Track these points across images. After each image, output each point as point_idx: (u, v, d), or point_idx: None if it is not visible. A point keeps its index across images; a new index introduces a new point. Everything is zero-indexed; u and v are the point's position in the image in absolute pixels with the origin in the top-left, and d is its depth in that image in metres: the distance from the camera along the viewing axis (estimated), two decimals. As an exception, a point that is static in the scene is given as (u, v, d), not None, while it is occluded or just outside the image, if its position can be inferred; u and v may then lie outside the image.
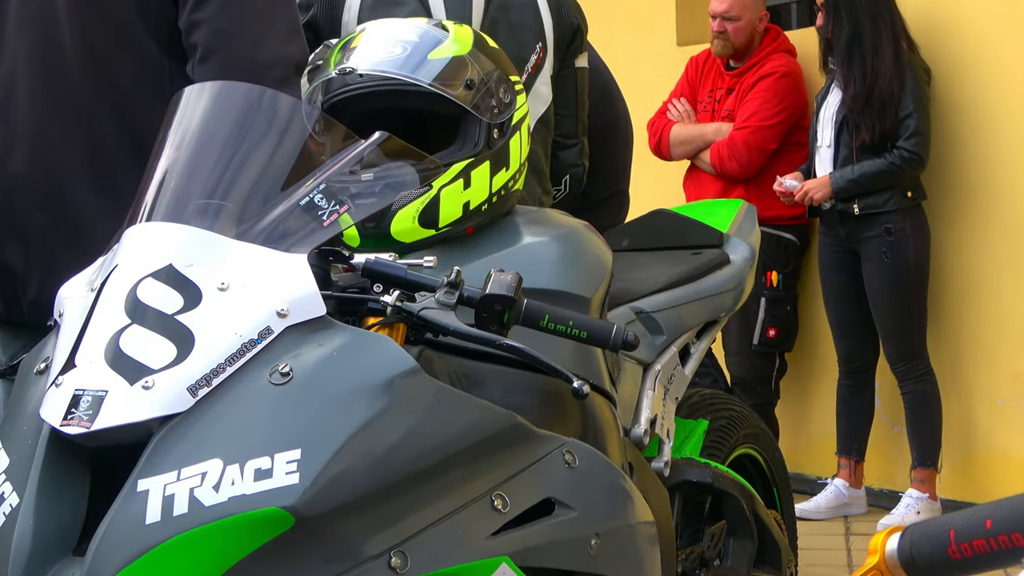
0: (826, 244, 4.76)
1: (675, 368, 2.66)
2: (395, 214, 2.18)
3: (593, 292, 2.24)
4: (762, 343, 4.89)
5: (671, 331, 2.65)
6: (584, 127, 3.27)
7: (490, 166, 2.24)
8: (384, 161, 2.02)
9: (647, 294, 2.65)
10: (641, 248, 2.95)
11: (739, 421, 2.94)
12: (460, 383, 2.02)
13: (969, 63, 4.60)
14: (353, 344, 1.80)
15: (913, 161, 4.51)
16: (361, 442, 1.73)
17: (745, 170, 4.83)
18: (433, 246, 2.20)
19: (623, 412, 2.41)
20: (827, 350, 4.95)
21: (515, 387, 2.08)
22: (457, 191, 2.20)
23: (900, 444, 4.80)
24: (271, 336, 1.78)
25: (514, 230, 2.28)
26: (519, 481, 1.92)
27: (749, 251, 2.91)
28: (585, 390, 1.89)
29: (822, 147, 4.67)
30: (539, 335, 1.98)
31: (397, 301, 1.91)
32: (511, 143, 2.28)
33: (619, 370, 2.43)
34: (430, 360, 1.99)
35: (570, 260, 2.24)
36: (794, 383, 5.11)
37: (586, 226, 2.35)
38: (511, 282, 1.93)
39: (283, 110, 1.98)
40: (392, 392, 1.77)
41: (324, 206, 1.91)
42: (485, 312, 1.93)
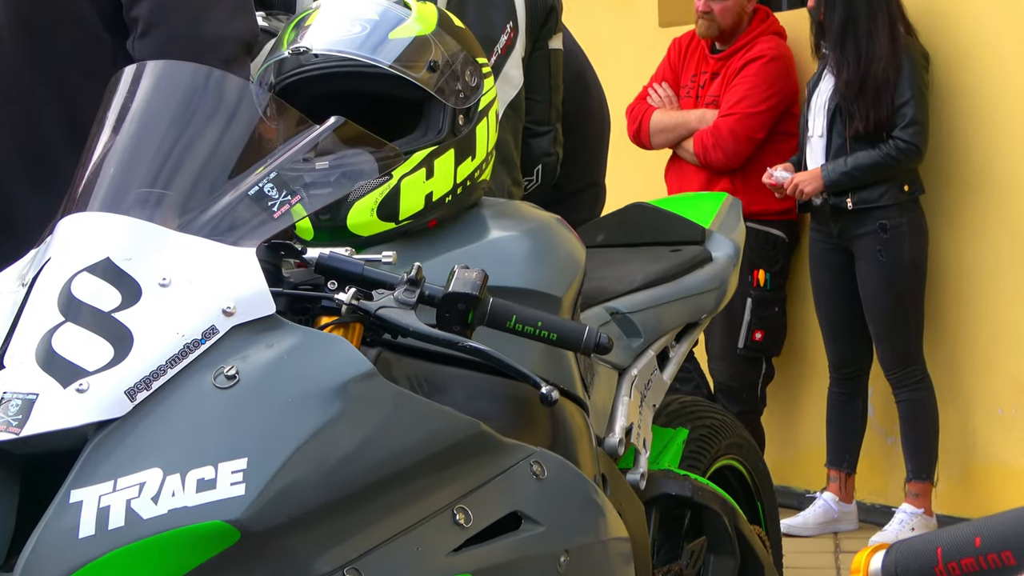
0: (817, 241, 4.78)
1: (653, 373, 2.67)
2: (352, 206, 2.17)
3: (564, 291, 2.25)
4: (748, 347, 4.91)
5: (648, 333, 2.66)
6: (558, 113, 3.27)
7: (455, 154, 2.24)
8: (340, 148, 2.02)
9: (623, 293, 2.66)
10: (617, 244, 2.95)
11: (721, 430, 2.94)
12: (420, 388, 2.02)
13: (970, 48, 4.62)
14: (305, 345, 1.79)
15: (910, 152, 4.53)
16: (312, 451, 1.73)
17: (730, 160, 4.84)
18: (393, 240, 2.19)
19: (596, 420, 2.41)
20: (817, 355, 4.97)
21: (480, 393, 2.08)
22: (419, 181, 2.20)
23: (894, 455, 4.83)
24: (216, 336, 1.78)
25: (480, 224, 2.28)
26: (483, 494, 1.92)
27: (733, 248, 2.92)
28: (554, 396, 1.89)
29: (813, 137, 4.69)
30: (506, 337, 1.98)
31: (353, 299, 1.91)
32: (478, 130, 2.27)
33: (592, 375, 2.44)
34: (388, 363, 1.99)
35: (540, 256, 2.24)
36: (782, 390, 5.13)
37: (558, 220, 2.36)
38: (476, 280, 1.93)
39: (231, 92, 1.97)
40: (346, 397, 1.77)
41: (275, 196, 1.91)
42: (448, 312, 1.93)
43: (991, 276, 4.61)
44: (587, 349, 1.97)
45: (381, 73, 2.20)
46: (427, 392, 2.02)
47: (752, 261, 4.86)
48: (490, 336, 1.99)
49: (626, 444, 2.47)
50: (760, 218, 4.88)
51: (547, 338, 1.96)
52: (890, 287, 4.61)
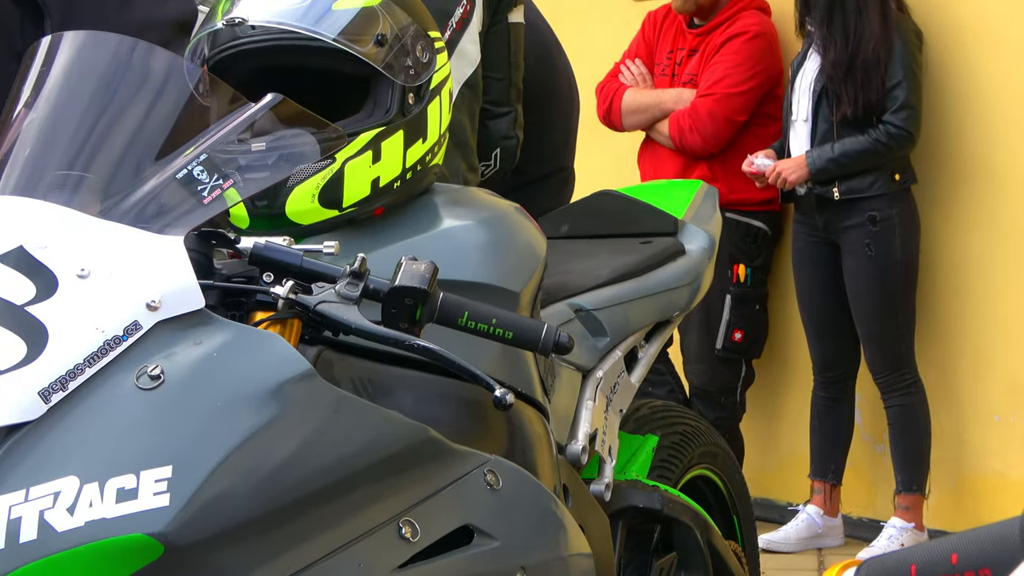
0: (801, 234, 4.80)
1: (620, 375, 2.67)
2: (291, 191, 2.17)
3: (523, 286, 2.25)
4: (727, 348, 4.92)
5: (615, 332, 2.66)
6: (518, 93, 3.27)
7: (404, 136, 2.23)
8: (279, 128, 2.01)
9: (588, 289, 2.66)
10: (582, 235, 2.95)
11: (694, 437, 2.95)
12: (364, 390, 2.02)
13: (967, 26, 4.64)
14: (237, 343, 1.79)
15: (901, 138, 4.55)
16: (244, 458, 1.72)
17: (709, 144, 4.85)
18: (335, 229, 2.19)
19: (557, 426, 2.41)
20: (801, 357, 4.99)
21: (429, 395, 2.08)
22: (364, 165, 2.20)
23: (883, 466, 4.85)
24: (139, 332, 1.77)
25: (431, 212, 2.28)
26: (432, 505, 1.92)
27: (708, 240, 2.93)
28: (509, 400, 1.89)
29: (797, 121, 4.70)
30: (458, 335, 1.98)
31: (291, 293, 1.90)
32: (429, 110, 2.27)
33: (554, 377, 2.44)
34: (329, 363, 1.99)
35: (496, 248, 2.24)
36: (763, 394, 5.14)
37: (516, 209, 2.36)
38: (425, 272, 1.93)
39: (159, 66, 1.96)
40: (282, 400, 1.76)
41: (205, 180, 1.90)
42: (394, 307, 1.93)
43: (988, 272, 4.63)
44: (546, 349, 1.96)
45: (324, 47, 2.19)
46: (371, 395, 2.02)
47: (732, 255, 4.88)
48: (440, 334, 1.98)
49: (590, 452, 2.48)
50: (740, 208, 4.89)
51: (502, 337, 1.96)
52: (879, 283, 4.63)
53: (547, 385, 2.35)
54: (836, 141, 4.58)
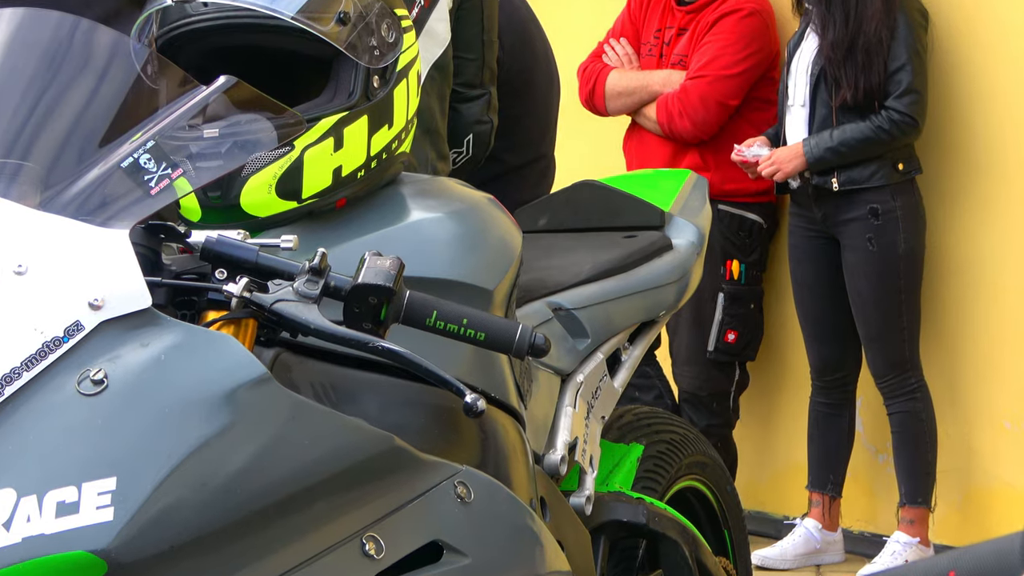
0: (798, 227, 4.81)
1: (602, 379, 2.68)
2: (246, 181, 2.17)
3: (496, 283, 2.25)
4: (719, 350, 4.94)
5: (597, 333, 2.67)
6: (492, 74, 3.27)
7: (368, 122, 2.23)
8: (233, 113, 2.01)
9: (567, 286, 2.67)
10: (561, 229, 2.96)
11: (683, 446, 2.96)
12: (325, 396, 2.02)
13: (975, 5, 4.66)
14: (186, 345, 1.79)
15: (905, 125, 4.56)
16: (194, 469, 1.72)
17: (699, 130, 4.86)
18: (294, 222, 2.19)
19: (534, 434, 2.42)
20: (798, 359, 5.00)
21: (395, 401, 2.08)
22: (326, 153, 2.20)
23: (886, 476, 4.86)
24: (81, 333, 1.76)
25: (397, 204, 2.28)
26: (398, 520, 1.92)
27: (696, 234, 2.94)
28: (481, 406, 1.89)
29: (794, 106, 4.71)
30: (426, 336, 1.98)
31: (245, 291, 1.91)
32: (396, 94, 2.27)
33: (530, 382, 2.44)
34: (287, 366, 1.99)
35: (467, 242, 2.24)
36: (757, 400, 5.16)
37: (490, 200, 2.36)
38: (390, 269, 1.93)
39: (103, 46, 1.96)
40: (235, 406, 1.76)
41: (153, 169, 1.90)
42: (357, 306, 1.93)
43: (998, 268, 4.65)
44: (520, 351, 1.97)
45: (281, 26, 2.19)
46: (333, 400, 2.02)
47: (725, 250, 4.89)
48: (407, 336, 1.98)
49: (569, 462, 2.48)
50: (734, 199, 4.90)
51: (473, 338, 1.96)
52: (882, 281, 4.64)
53: (523, 390, 2.36)
54: (835, 128, 4.58)
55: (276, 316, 1.91)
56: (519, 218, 2.98)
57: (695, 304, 4.80)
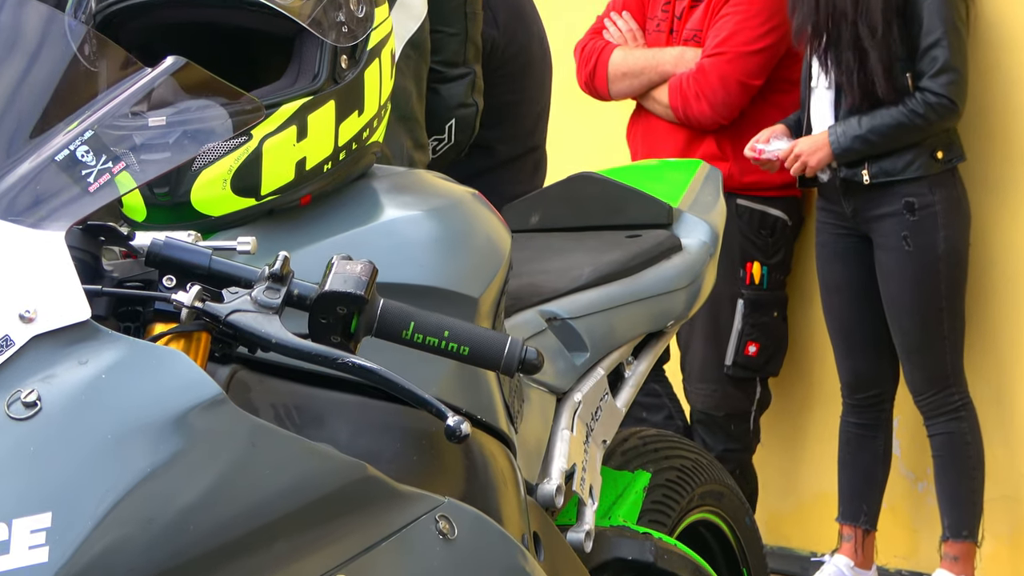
0: (825, 224, 4.81)
1: (602, 399, 2.68)
2: (197, 176, 2.17)
3: (482, 290, 2.26)
4: (738, 364, 4.94)
5: (597, 346, 2.68)
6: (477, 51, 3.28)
7: (336, 108, 2.24)
8: (182, 99, 2.02)
9: (563, 293, 2.68)
10: (556, 228, 2.97)
11: (695, 474, 2.97)
12: (288, 419, 2.03)
13: (1025, -28, 4.67)
14: (130, 362, 1.79)
15: (943, 108, 4.56)
16: (140, 503, 1.72)
17: (719, 114, 4.85)
18: (252, 222, 2.20)
19: (526, 461, 2.43)
20: (827, 374, 5.01)
21: (367, 425, 2.08)
22: (287, 144, 2.20)
23: (926, 507, 4.87)
24: (11, 349, 1.76)
25: (369, 201, 2.28)
26: (372, 559, 1.92)
27: (709, 233, 2.95)
28: (465, 429, 1.90)
29: (818, 88, 4.71)
30: (403, 351, 1.99)
31: (197, 300, 1.91)
32: (366, 76, 2.28)
33: (522, 402, 2.45)
34: (245, 385, 1.99)
35: (449, 244, 2.25)
36: (780, 421, 5.16)
37: (474, 196, 2.37)
38: (361, 275, 1.94)
39: (33, 23, 1.96)
40: (187, 431, 1.77)
41: (92, 163, 1.90)
42: (324, 317, 1.94)
43: (1052, 270, 4.66)
44: (509, 367, 1.97)
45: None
46: (297, 424, 2.02)
47: (744, 250, 4.90)
48: (381, 350, 1.99)
49: (566, 493, 2.49)
50: (754, 193, 4.91)
51: (456, 352, 1.97)
52: (920, 285, 4.64)
53: (513, 411, 2.36)
54: (865, 113, 4.58)
55: (232, 329, 1.91)
56: (508, 216, 2.99)
57: (710, 312, 4.80)
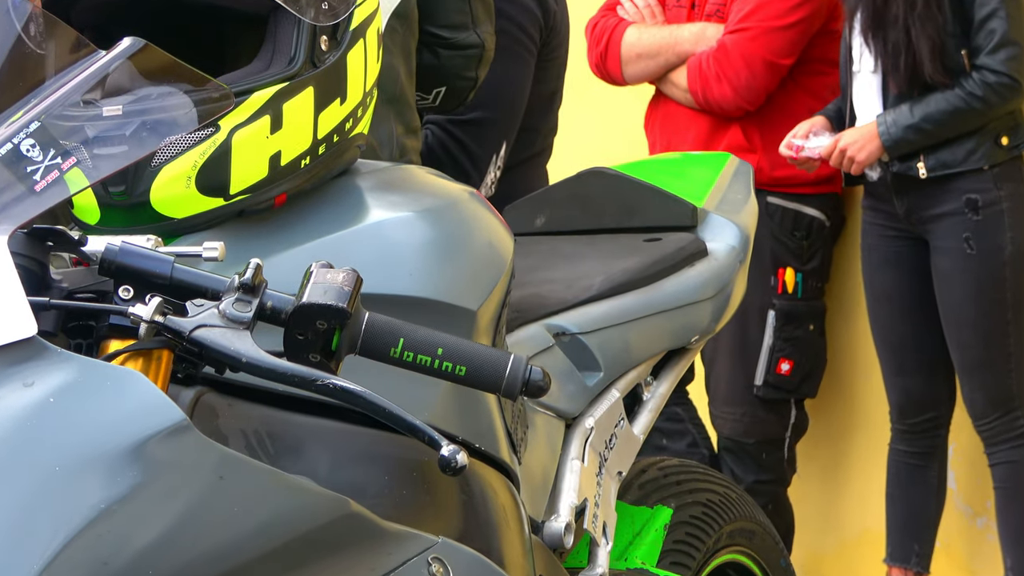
0: (873, 225, 4.79)
1: (618, 424, 2.69)
2: (158, 173, 2.17)
3: (480, 301, 2.27)
4: (770, 384, 4.94)
5: (611, 365, 2.68)
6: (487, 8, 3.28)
7: (315, 96, 2.25)
8: (140, 86, 2.02)
9: (573, 305, 2.68)
10: (565, 231, 2.97)
11: (723, 510, 2.97)
12: (261, 448, 2.03)
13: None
14: (82, 385, 1.79)
15: (1004, 88, 4.54)
16: (94, 544, 1.72)
17: (743, 98, 4.85)
18: (220, 225, 2.20)
19: (531, 495, 2.43)
20: (872, 396, 5.00)
21: (351, 455, 2.09)
22: (260, 136, 2.21)
23: (986, 545, 4.86)
24: (-53, 370, 1.77)
25: (352, 201, 2.29)
26: (356, 607, 1.93)
27: (739, 236, 2.95)
28: (461, 460, 1.90)
29: (862, 72, 4.69)
30: (391, 372, 1.99)
31: (158, 314, 1.91)
32: (349, 59, 2.29)
33: (526, 428, 2.45)
34: (212, 410, 2.00)
35: (444, 250, 2.26)
36: (819, 448, 5.16)
37: (471, 195, 2.37)
38: (344, 285, 1.94)
39: (-28, 1, 1.97)
40: (146, 463, 1.77)
41: (38, 158, 1.90)
42: (302, 333, 1.94)
43: None
44: (511, 389, 1.98)
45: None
46: (271, 454, 2.03)
47: (777, 255, 4.89)
48: (366, 370, 1.99)
49: (577, 531, 2.49)
50: (788, 189, 4.90)
51: (451, 373, 1.97)
52: (983, 293, 4.63)
53: (516, 440, 2.37)
54: (917, 99, 4.57)
55: (197, 346, 1.91)
56: (510, 217, 3.00)
57: (738, 326, 4.80)
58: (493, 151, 3.57)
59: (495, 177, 3.54)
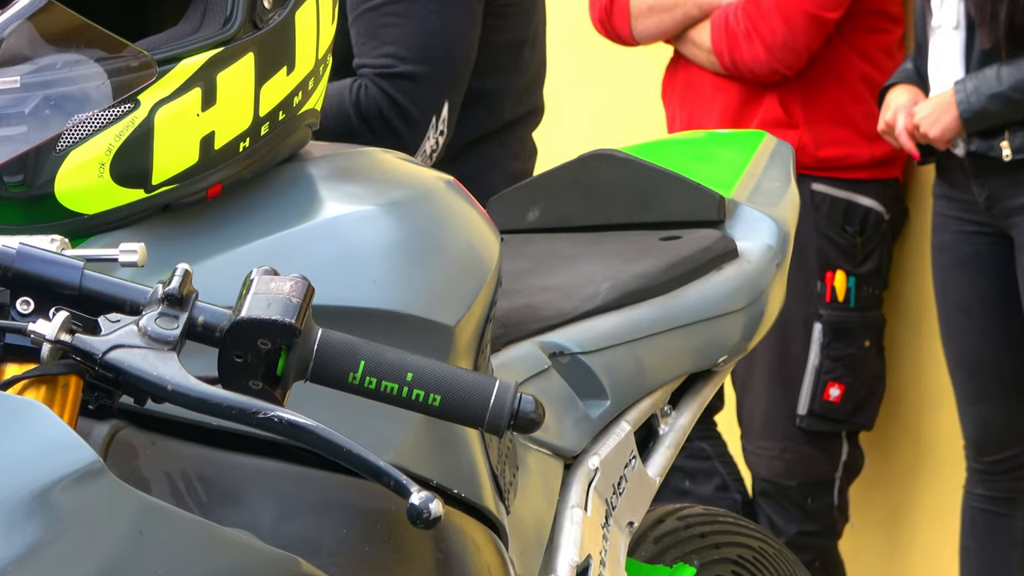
0: (946, 218, 4.79)
1: (628, 465, 2.69)
2: (64, 159, 2.18)
3: (459, 315, 2.27)
4: (816, 413, 4.95)
5: (620, 391, 2.69)
6: None
7: (256, 64, 2.25)
8: (42, 53, 2.03)
9: (574, 318, 2.69)
10: (564, 227, 2.97)
11: (758, 568, 2.98)
12: (192, 495, 2.04)
13: None
14: (-28, 418, 1.80)
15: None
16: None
17: (777, 60, 4.86)
18: (141, 222, 2.21)
19: (523, 551, 2.44)
20: (943, 428, 5.01)
21: (302, 503, 2.10)
22: (189, 113, 2.21)
23: (1083, 612, 4.88)
24: None
25: (303, 192, 2.30)
26: None
27: (776, 232, 2.95)
28: (434, 509, 1.90)
29: (941, 28, 4.69)
30: (350, 401, 2.00)
31: (64, 332, 1.92)
32: (298, 20, 2.30)
33: (516, 470, 2.46)
34: (131, 449, 2.00)
35: (414, 252, 2.27)
36: (878, 492, 5.17)
37: (448, 185, 2.38)
38: (291, 295, 1.95)
39: None
40: (50, 514, 1.77)
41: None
42: (240, 354, 1.95)
43: None
44: (497, 422, 1.98)
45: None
46: (204, 503, 2.03)
47: (824, 255, 4.91)
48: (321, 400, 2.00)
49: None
50: (837, 174, 4.91)
51: (424, 403, 1.97)
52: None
53: (504, 484, 2.38)
54: (1005, 62, 4.57)
55: (113, 371, 1.92)
56: (496, 210, 3.00)
57: (777, 343, 4.82)
58: (431, 112, 3.57)
59: (436, 144, 3.54)
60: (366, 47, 3.54)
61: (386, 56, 3.51)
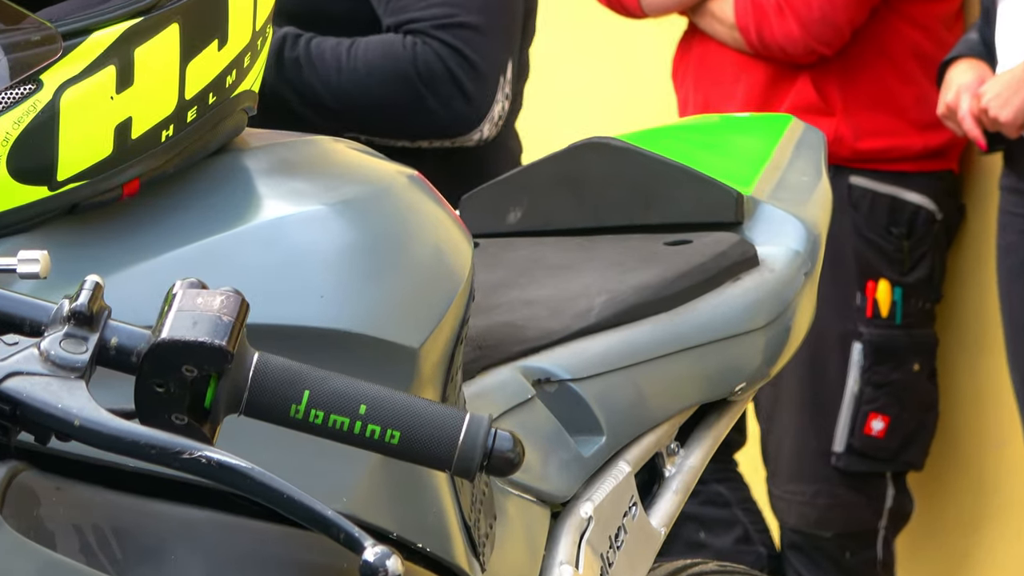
0: (1015, 218, 4.80)
1: (628, 513, 2.70)
2: (-47, 153, 2.19)
3: (424, 336, 2.28)
4: (855, 451, 4.96)
5: (618, 426, 2.71)
6: None
7: (182, 37, 2.26)
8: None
9: (562, 339, 2.70)
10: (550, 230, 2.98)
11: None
12: (106, 550, 2.04)
13: None
14: None
15: None
16: None
17: (815, 37, 4.89)
18: (44, 226, 2.22)
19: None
20: (1008, 468, 5.03)
21: (235, 559, 2.11)
22: (101, 96, 2.22)
23: None
24: None
25: (238, 189, 2.31)
26: None
27: (803, 236, 2.96)
28: (392, 567, 1.91)
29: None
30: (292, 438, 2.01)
31: (-49, 357, 1.93)
32: (232, -19, 2.31)
33: (493, 519, 2.47)
34: (32, 496, 2.01)
35: (371, 261, 2.28)
36: (930, 543, 5.18)
37: (411, 180, 2.39)
38: (222, 313, 1.95)
39: None
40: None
41: None
42: (161, 383, 1.95)
43: None
44: (468, 463, 1.98)
45: None
46: (120, 560, 2.04)
47: (864, 262, 4.92)
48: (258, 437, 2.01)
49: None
50: (882, 166, 4.93)
51: (380, 441, 1.98)
52: None
53: (478, 536, 2.38)
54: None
55: (10, 403, 1.92)
56: (470, 210, 3.01)
57: (808, 367, 4.83)
58: (500, 68, 3.61)
59: (503, 110, 3.57)
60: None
61: (442, 5, 3.53)
